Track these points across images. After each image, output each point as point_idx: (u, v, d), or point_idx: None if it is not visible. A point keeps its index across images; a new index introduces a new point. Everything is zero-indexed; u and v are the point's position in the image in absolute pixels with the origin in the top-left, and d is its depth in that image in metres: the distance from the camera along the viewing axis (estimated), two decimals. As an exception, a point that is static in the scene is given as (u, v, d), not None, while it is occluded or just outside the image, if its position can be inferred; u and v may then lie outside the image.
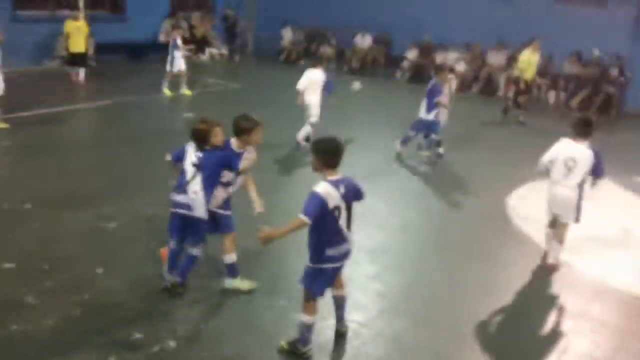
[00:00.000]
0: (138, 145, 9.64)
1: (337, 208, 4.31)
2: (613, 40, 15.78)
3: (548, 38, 14.49)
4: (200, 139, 5.09)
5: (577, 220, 6.26)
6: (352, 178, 4.51)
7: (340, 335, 4.84)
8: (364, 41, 19.54)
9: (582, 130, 6.19)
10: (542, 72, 16.56)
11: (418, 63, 18.51)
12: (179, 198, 5.07)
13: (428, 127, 9.97)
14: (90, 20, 15.14)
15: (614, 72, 15.86)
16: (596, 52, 16.01)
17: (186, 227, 5.13)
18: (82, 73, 14.22)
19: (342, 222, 4.37)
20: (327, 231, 4.32)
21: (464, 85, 17.21)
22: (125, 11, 18.26)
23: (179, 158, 5.14)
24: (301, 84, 9.86)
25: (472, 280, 6.12)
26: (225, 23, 20.46)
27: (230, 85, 15.57)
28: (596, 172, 6.20)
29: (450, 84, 10.51)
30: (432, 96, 9.79)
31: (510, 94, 14.94)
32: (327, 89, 10.16)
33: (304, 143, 9.95)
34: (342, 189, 4.32)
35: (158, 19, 18.85)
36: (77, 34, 13.96)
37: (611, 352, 4.99)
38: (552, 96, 17.01)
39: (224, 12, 20.60)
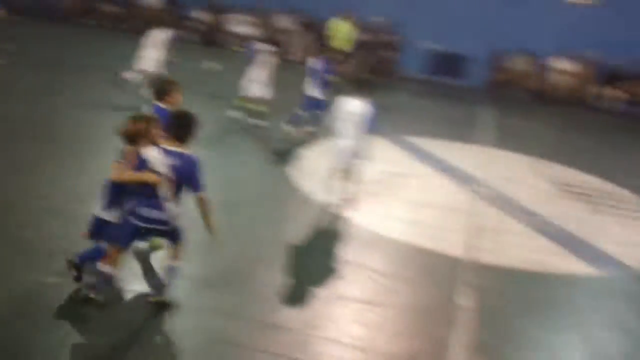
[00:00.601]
0: None
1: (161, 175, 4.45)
2: (386, 6, 16.91)
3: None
4: None
5: (362, 162, 7.20)
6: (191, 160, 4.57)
7: (162, 306, 4.81)
8: (150, -1, 18.78)
9: (361, 89, 7.06)
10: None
11: (209, 25, 18.37)
12: None
13: (317, 106, 9.93)
14: None
15: (387, 37, 17.12)
16: (372, 18, 17.09)
17: None
18: None
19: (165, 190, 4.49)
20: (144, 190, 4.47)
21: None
22: None
23: None
24: None
25: (261, 237, 6.40)
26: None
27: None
28: (370, 127, 7.02)
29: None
30: (316, 75, 9.84)
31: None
32: None
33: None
34: (175, 162, 4.48)
35: None
36: None
37: (380, 294, 5.58)
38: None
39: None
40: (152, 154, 4.49)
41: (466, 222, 7.53)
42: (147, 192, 4.50)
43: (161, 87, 5.65)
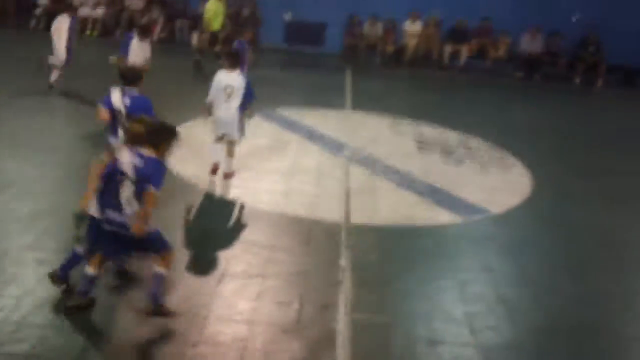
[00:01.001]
0: None
1: (123, 175, 4.37)
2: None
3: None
4: None
5: (241, 136, 7.63)
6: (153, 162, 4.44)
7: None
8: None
9: (233, 61, 7.35)
10: (182, 13, 17.04)
11: (51, 9, 17.26)
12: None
13: None
14: None
15: (246, 12, 17.06)
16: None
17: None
18: None
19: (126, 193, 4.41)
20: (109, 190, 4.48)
21: (106, 30, 16.77)
22: None
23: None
24: None
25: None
26: None
27: None
28: (247, 97, 7.36)
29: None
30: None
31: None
32: None
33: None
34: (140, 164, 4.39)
35: None
36: None
37: (262, 266, 5.68)
38: (194, 37, 17.57)
39: None
40: (125, 155, 4.42)
41: (339, 187, 7.79)
42: (111, 193, 4.43)
43: (136, 73, 6.14)
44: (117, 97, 5.97)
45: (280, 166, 8.39)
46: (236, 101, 7.32)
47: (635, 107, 15.15)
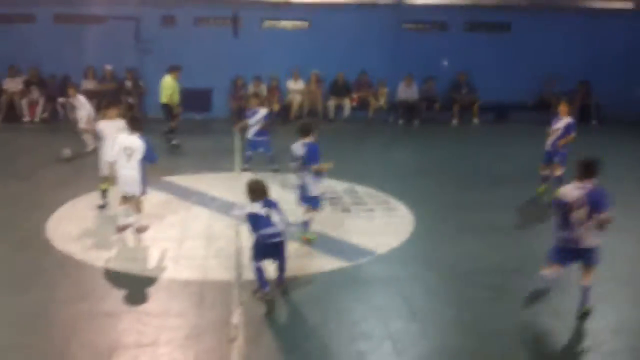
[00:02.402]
0: None
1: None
2: (122, 54, 17.06)
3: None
4: None
5: (143, 192, 8.21)
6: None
7: None
8: None
9: (135, 126, 8.20)
10: (62, 92, 16.85)
11: None
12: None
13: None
14: None
15: (129, 84, 17.14)
16: (106, 67, 17.02)
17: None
18: None
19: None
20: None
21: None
22: None
23: None
24: None
25: (14, 312, 6.11)
26: None
27: None
28: (148, 156, 8.13)
29: None
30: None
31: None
32: None
33: None
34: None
35: None
36: None
37: (155, 334, 5.68)
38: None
39: None
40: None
41: (227, 246, 7.93)
42: None
43: None
44: None
45: (170, 233, 8.44)
46: (135, 160, 7.99)
47: (508, 137, 16.36)
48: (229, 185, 10.85)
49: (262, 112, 11.92)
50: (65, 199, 9.64)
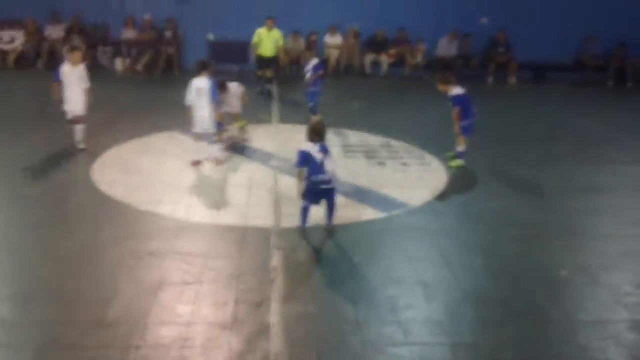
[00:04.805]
0: None
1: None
2: (162, 3, 17.24)
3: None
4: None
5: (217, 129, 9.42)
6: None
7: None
8: None
9: (202, 67, 9.10)
10: (103, 41, 17.13)
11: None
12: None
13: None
14: None
15: (169, 34, 17.34)
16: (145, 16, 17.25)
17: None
18: None
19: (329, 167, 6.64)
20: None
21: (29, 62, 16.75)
22: None
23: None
24: None
25: (67, 250, 6.48)
26: None
27: None
28: (214, 96, 9.11)
29: None
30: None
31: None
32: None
33: None
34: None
35: None
36: None
37: (198, 274, 6.00)
38: (119, 63, 17.71)
39: None
40: None
41: (268, 195, 8.19)
42: None
43: None
44: None
45: (212, 180, 8.75)
46: (207, 100, 8.95)
47: (546, 98, 16.21)
48: (268, 136, 11.10)
49: (312, 62, 12.05)
50: (111, 143, 10.00)
